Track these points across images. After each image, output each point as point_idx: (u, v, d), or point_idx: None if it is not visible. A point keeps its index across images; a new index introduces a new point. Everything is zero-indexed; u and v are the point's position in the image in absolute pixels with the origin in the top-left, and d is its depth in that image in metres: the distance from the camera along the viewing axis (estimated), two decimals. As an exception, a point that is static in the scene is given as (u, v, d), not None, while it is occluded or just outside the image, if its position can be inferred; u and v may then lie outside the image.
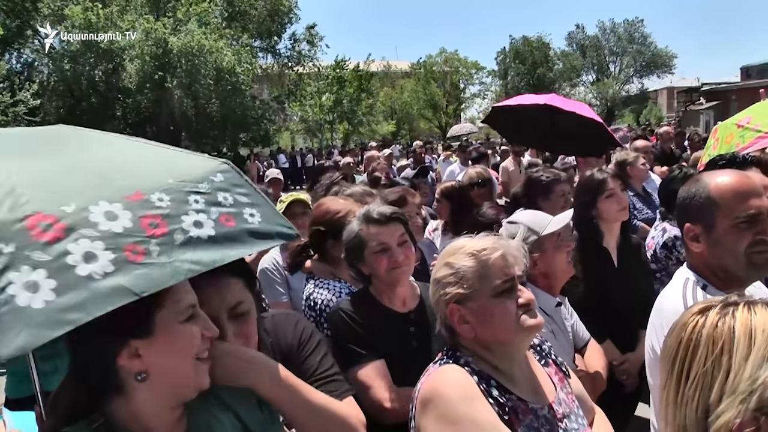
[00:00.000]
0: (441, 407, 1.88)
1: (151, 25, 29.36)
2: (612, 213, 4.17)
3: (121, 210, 1.48)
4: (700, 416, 1.28)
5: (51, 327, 1.27)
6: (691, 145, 12.35)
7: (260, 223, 1.74)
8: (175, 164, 1.82)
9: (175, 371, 1.54)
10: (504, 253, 2.05)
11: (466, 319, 2.05)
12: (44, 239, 1.36)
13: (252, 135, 35.89)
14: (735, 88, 50.20)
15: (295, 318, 2.36)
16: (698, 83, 63.65)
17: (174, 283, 1.48)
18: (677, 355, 1.36)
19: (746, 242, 2.21)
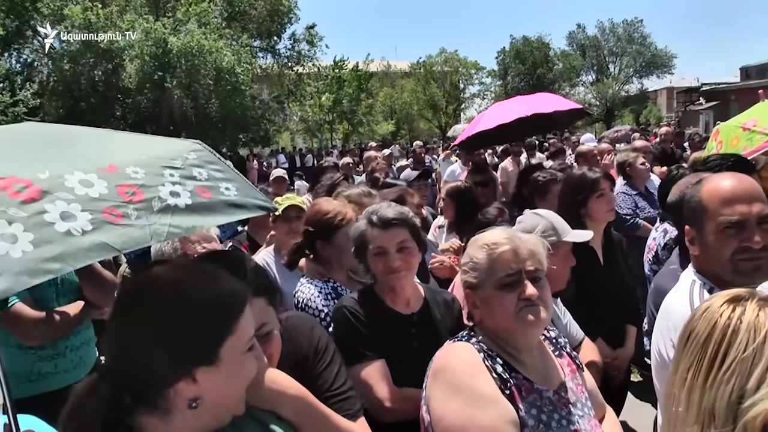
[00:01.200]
0: (447, 378, 2.05)
1: (151, 25, 29.36)
2: (602, 213, 4.22)
3: (96, 179, 1.55)
4: (733, 401, 1.27)
5: (30, 274, 1.33)
6: (691, 146, 12.37)
7: (236, 196, 1.81)
8: (147, 144, 1.91)
9: (227, 399, 1.52)
10: (514, 248, 2.16)
11: (477, 305, 2.22)
12: (20, 198, 1.43)
13: (252, 135, 35.90)
14: (734, 89, 50.26)
15: (311, 324, 2.36)
16: (698, 83, 63.70)
17: (157, 242, 1.55)
18: (710, 339, 1.35)
19: (731, 249, 2.22)
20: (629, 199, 6.59)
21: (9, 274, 1.31)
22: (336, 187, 5.32)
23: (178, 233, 1.60)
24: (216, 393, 1.48)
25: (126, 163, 1.65)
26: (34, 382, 3.43)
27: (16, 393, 3.41)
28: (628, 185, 6.78)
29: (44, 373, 3.48)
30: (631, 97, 63.24)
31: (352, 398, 2.17)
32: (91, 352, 3.79)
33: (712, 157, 3.80)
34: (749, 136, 5.08)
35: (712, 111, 48.33)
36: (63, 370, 3.51)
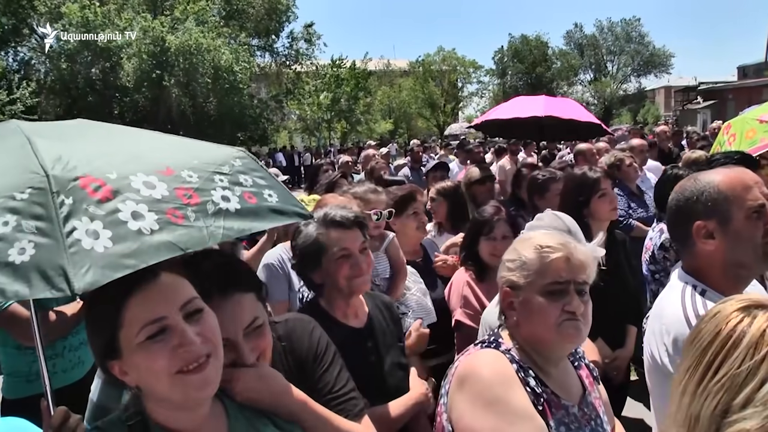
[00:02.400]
0: (477, 387, 1.91)
1: (149, 23, 29.30)
2: (604, 213, 4.21)
3: (157, 181, 1.64)
4: (717, 413, 1.25)
5: (113, 269, 1.41)
6: (689, 144, 12.36)
7: (278, 202, 1.89)
8: (197, 149, 1.98)
9: (155, 388, 1.53)
10: (567, 256, 2.06)
11: (514, 306, 2.10)
12: (97, 197, 1.51)
13: (250, 134, 35.88)
14: (732, 88, 50.36)
15: (310, 325, 2.29)
16: (695, 82, 63.83)
17: (212, 244, 1.65)
18: (710, 346, 1.32)
19: (761, 232, 2.22)
20: (621, 201, 6.55)
21: (96, 267, 1.39)
22: (334, 185, 5.30)
23: (230, 236, 1.68)
24: (142, 381, 1.53)
25: (181, 167, 1.73)
26: (32, 382, 3.42)
27: (14, 393, 3.44)
28: (619, 186, 6.78)
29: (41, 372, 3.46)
30: (629, 96, 63.39)
31: (354, 399, 2.14)
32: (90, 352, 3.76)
33: (716, 156, 3.80)
34: (766, 129, 5.10)
35: (710, 110, 48.42)
36: (61, 370, 3.50)
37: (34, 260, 1.40)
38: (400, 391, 2.67)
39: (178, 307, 1.53)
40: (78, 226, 1.45)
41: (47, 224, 1.45)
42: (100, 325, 1.52)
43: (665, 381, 2.23)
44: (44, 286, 1.37)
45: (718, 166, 3.43)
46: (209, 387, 1.56)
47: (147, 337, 1.48)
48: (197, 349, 1.52)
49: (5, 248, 1.40)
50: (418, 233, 4.37)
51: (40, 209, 1.47)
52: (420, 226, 4.35)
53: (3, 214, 1.46)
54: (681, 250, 2.46)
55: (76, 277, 1.37)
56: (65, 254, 1.40)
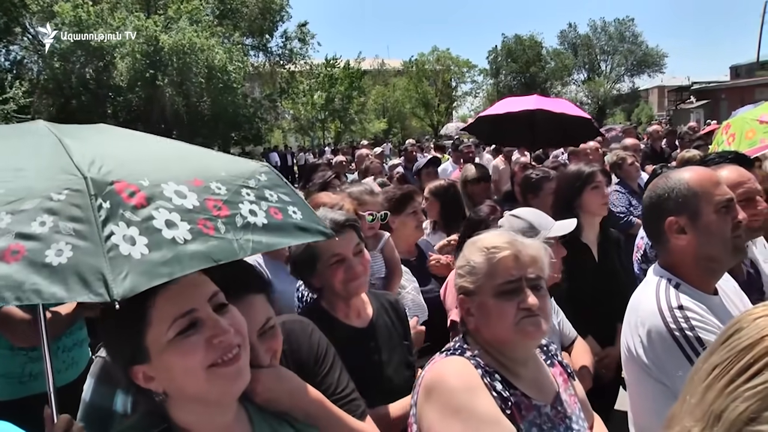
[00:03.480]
0: (444, 396, 1.90)
1: (142, 22, 29.16)
2: (595, 205, 4.23)
3: (187, 191, 1.64)
4: (744, 418, 1.18)
5: (150, 276, 1.40)
6: (681, 144, 12.40)
7: (302, 220, 1.89)
8: (223, 161, 1.97)
9: (188, 386, 1.51)
10: (515, 254, 2.05)
11: (471, 312, 2.09)
12: (132, 203, 1.51)
13: (244, 133, 35.85)
14: (724, 87, 50.52)
15: (309, 327, 2.31)
16: (688, 82, 63.94)
17: (242, 257, 1.63)
18: (750, 350, 1.23)
19: (730, 226, 2.30)
20: (623, 198, 6.63)
21: (134, 273, 1.38)
22: (328, 185, 5.30)
23: (259, 250, 1.68)
24: (173, 383, 1.51)
25: (209, 178, 1.73)
26: (25, 383, 3.41)
27: (7, 394, 3.42)
28: (621, 184, 6.82)
29: (36, 374, 3.44)
30: (622, 96, 63.53)
31: (356, 400, 2.16)
32: (84, 352, 3.75)
33: (711, 156, 3.83)
34: (767, 129, 5.15)
35: (703, 109, 48.50)
36: (55, 371, 3.47)
37: (72, 262, 1.38)
38: (406, 391, 2.62)
39: (206, 299, 1.53)
40: (116, 231, 1.43)
41: (86, 226, 1.43)
42: (126, 328, 1.48)
43: (640, 372, 2.29)
44: (82, 289, 1.35)
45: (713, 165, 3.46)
46: (243, 378, 1.55)
47: (178, 333, 1.47)
48: (231, 338, 1.52)
49: (42, 249, 1.38)
50: (416, 232, 4.40)
51: (78, 211, 1.45)
52: (418, 226, 4.39)
53: (40, 214, 1.43)
54: (656, 246, 2.55)
55: (115, 282, 1.35)
56: (104, 258, 1.38)
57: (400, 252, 4.02)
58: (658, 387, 2.18)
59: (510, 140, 9.64)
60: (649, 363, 2.22)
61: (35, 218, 1.42)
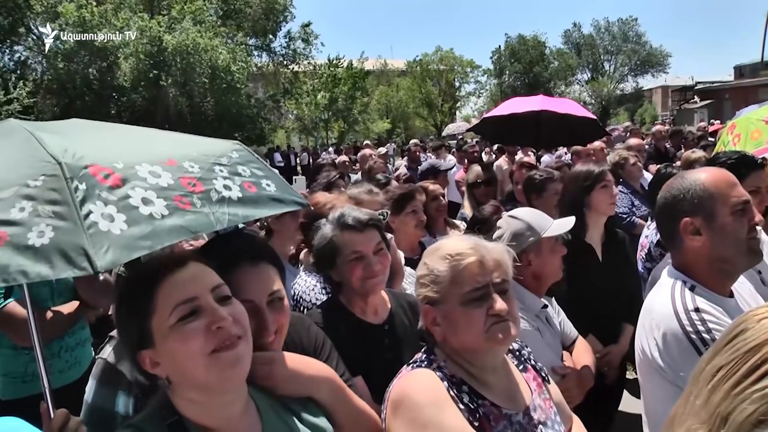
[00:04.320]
0: (410, 412, 1.87)
1: (146, 23, 29.15)
2: (604, 205, 4.23)
3: (161, 171, 1.71)
4: (751, 421, 1.17)
5: (130, 249, 1.48)
6: (685, 144, 12.39)
7: (276, 192, 1.97)
8: (195, 142, 2.08)
9: (189, 372, 1.55)
10: (480, 260, 1.99)
11: (437, 322, 2.04)
12: (107, 184, 1.57)
13: (247, 134, 35.76)
14: (728, 87, 50.55)
15: (307, 321, 2.43)
16: (692, 82, 63.98)
17: (219, 228, 1.74)
18: (758, 351, 1.22)
19: (746, 228, 2.29)
20: (625, 198, 6.63)
21: (115, 247, 1.46)
22: (332, 185, 5.31)
23: (235, 221, 1.76)
24: (176, 368, 1.56)
25: (182, 158, 1.81)
26: (28, 382, 3.41)
27: (10, 394, 3.43)
28: (623, 184, 6.82)
29: (38, 373, 3.44)
30: (626, 96, 63.48)
31: (354, 386, 2.23)
32: (87, 352, 3.75)
33: (718, 156, 3.82)
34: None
35: (707, 109, 48.56)
36: (57, 370, 3.48)
37: (54, 242, 1.44)
38: None
39: (208, 289, 1.59)
40: (94, 210, 1.50)
41: (64, 208, 1.49)
42: (133, 313, 1.56)
43: (655, 375, 2.27)
44: (66, 265, 1.41)
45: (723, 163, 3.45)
46: (241, 365, 1.58)
47: (179, 319, 1.53)
48: (230, 326, 1.56)
49: (24, 232, 1.45)
50: (417, 231, 4.41)
51: (56, 194, 1.51)
52: (419, 225, 4.39)
53: (19, 201, 1.49)
54: (670, 247, 2.53)
55: (97, 255, 1.42)
56: (85, 235, 1.45)
57: (403, 251, 4.03)
58: (673, 390, 2.15)
59: (515, 140, 9.64)
60: (665, 366, 2.21)
61: (14, 205, 1.48)
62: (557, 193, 4.91)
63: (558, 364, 3.20)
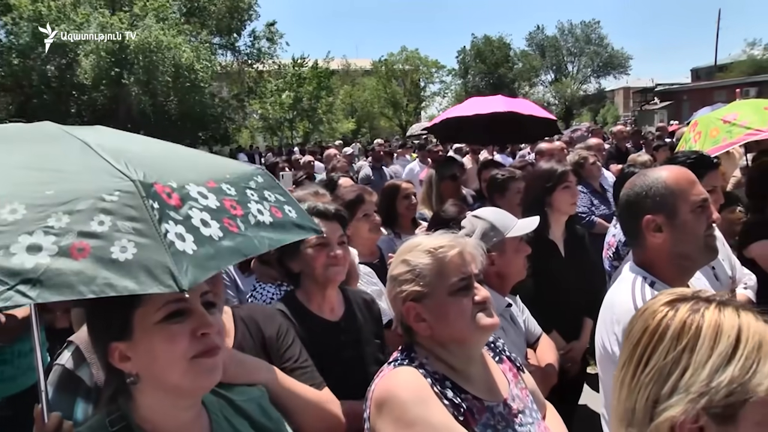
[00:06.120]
0: (396, 410, 1.88)
1: (107, 19, 28.56)
2: (565, 205, 4.31)
3: (207, 192, 1.74)
4: (649, 404, 1.32)
5: (203, 269, 1.51)
6: (645, 144, 12.62)
7: (297, 218, 2.02)
8: (223, 164, 2.11)
9: (165, 373, 1.55)
10: (461, 251, 2.08)
11: (423, 317, 2.06)
12: (172, 203, 1.61)
13: (211, 133, 35.43)
14: (686, 89, 52.06)
15: (271, 311, 2.50)
16: (652, 84, 65.36)
17: (263, 251, 1.79)
18: (640, 342, 1.39)
19: (705, 225, 2.36)
20: (584, 197, 6.70)
21: (192, 266, 1.48)
22: (299, 185, 5.28)
23: (272, 246, 1.81)
24: (149, 367, 1.55)
25: (220, 180, 1.84)
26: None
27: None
28: (583, 184, 6.90)
29: (4, 378, 3.36)
30: (589, 97, 64.45)
31: (315, 372, 2.32)
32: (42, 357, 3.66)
33: (678, 155, 3.90)
34: (729, 129, 5.34)
35: (666, 110, 49.78)
36: (10, 377, 3.40)
37: (138, 258, 1.45)
38: None
39: (198, 293, 1.60)
40: (169, 229, 1.52)
41: (144, 225, 1.50)
42: (114, 302, 1.51)
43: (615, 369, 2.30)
44: (152, 282, 1.42)
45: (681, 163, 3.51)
46: (217, 374, 1.60)
47: (165, 317, 1.53)
48: (214, 335, 1.59)
49: (107, 246, 1.45)
50: (372, 235, 4.38)
51: (134, 211, 1.52)
52: (373, 228, 4.36)
53: (96, 214, 1.49)
54: (631, 244, 2.58)
55: (181, 274, 1.44)
56: (167, 254, 1.46)
57: (361, 256, 4.02)
58: None
59: (466, 139, 9.71)
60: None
61: (92, 218, 1.48)
62: (520, 192, 4.96)
63: (522, 362, 3.23)
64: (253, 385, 1.97)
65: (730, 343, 1.26)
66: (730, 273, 3.93)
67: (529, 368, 3.16)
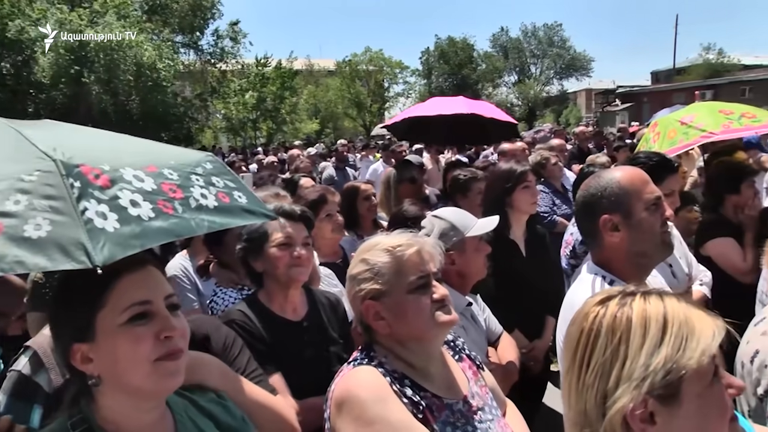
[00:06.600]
0: (355, 409, 1.90)
1: (65, 15, 27.78)
2: (525, 204, 4.35)
3: (144, 176, 1.73)
4: (599, 402, 1.37)
5: (123, 247, 1.50)
6: (606, 145, 12.82)
7: (247, 203, 2.01)
8: (171, 150, 2.12)
9: (128, 375, 1.54)
10: (419, 250, 2.10)
11: (382, 315, 2.08)
12: (98, 183, 1.60)
13: (174, 133, 34.87)
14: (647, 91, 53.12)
15: (216, 321, 2.47)
16: (614, 86, 66.44)
17: (200, 233, 1.81)
18: (579, 344, 1.44)
19: (660, 222, 2.40)
20: (546, 197, 6.77)
21: (110, 243, 1.47)
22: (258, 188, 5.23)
23: (213, 228, 1.81)
24: (109, 367, 1.55)
25: (162, 165, 1.84)
26: None
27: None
28: (544, 183, 6.98)
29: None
30: (551, 98, 65.34)
31: (266, 381, 2.31)
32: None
33: (639, 155, 3.96)
34: (686, 131, 5.43)
35: (627, 112, 50.73)
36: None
37: (52, 235, 1.45)
38: None
39: (163, 296, 1.62)
40: (89, 207, 1.52)
41: (61, 203, 1.50)
42: (78, 303, 1.54)
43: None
44: (64, 258, 1.42)
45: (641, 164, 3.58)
46: (180, 377, 1.61)
47: (129, 319, 1.53)
48: (178, 337, 1.59)
49: (20, 224, 1.45)
50: (334, 235, 4.38)
51: (52, 190, 1.52)
52: (335, 228, 4.35)
53: (13, 194, 1.50)
54: (589, 243, 2.61)
55: (95, 250, 1.43)
56: (83, 230, 1.46)
57: (324, 256, 4.03)
58: None
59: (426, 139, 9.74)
60: None
61: (9, 197, 1.49)
62: (482, 192, 4.99)
63: (483, 360, 3.25)
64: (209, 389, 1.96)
65: (659, 327, 1.34)
66: (686, 270, 4.01)
67: (490, 366, 3.21)
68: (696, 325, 1.34)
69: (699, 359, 1.29)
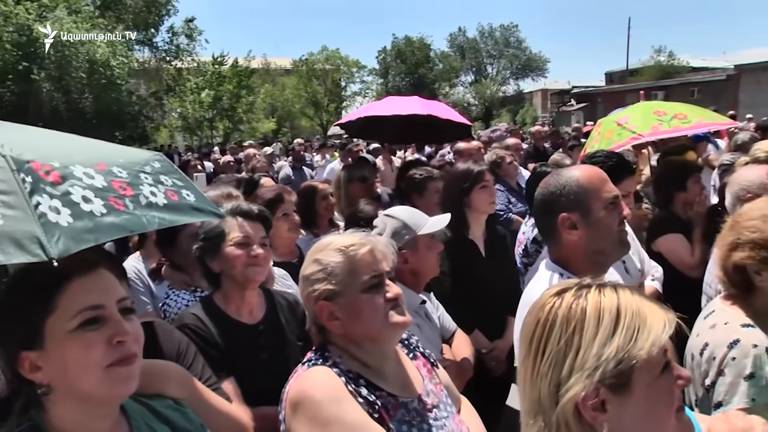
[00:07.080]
0: (311, 410, 1.90)
1: (11, 8, 26.76)
2: (483, 204, 4.35)
3: (94, 173, 1.74)
4: (552, 390, 1.40)
5: (78, 241, 1.50)
6: (562, 144, 13.04)
7: (195, 202, 2.03)
8: (119, 149, 2.12)
9: (79, 382, 1.51)
10: (372, 249, 2.10)
11: (336, 316, 2.08)
12: (50, 179, 1.60)
13: (129, 132, 34.14)
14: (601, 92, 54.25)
15: (169, 327, 2.44)
16: (569, 86, 67.56)
17: (150, 229, 1.83)
18: (534, 334, 1.47)
19: (617, 221, 2.44)
20: (502, 196, 6.84)
21: (65, 237, 1.47)
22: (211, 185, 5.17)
23: (163, 224, 1.83)
24: (60, 375, 1.51)
25: (111, 163, 1.85)
26: None
27: None
28: (500, 182, 7.05)
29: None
30: (508, 98, 66.05)
31: (221, 389, 2.29)
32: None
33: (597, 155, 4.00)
34: (620, 132, 5.58)
35: (582, 112, 51.72)
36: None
37: (5, 229, 1.44)
38: None
39: (115, 300, 1.59)
40: (42, 201, 1.52)
41: (13, 197, 1.50)
42: (25, 310, 1.50)
43: None
44: (18, 251, 1.42)
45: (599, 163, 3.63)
46: (133, 383, 1.58)
47: (80, 324, 1.50)
48: (131, 342, 1.57)
49: None
50: (291, 234, 4.37)
51: (3, 185, 1.52)
52: (292, 227, 4.34)
53: None
54: (547, 241, 2.64)
55: (50, 243, 1.43)
56: (36, 224, 1.46)
57: (280, 255, 4.00)
58: None
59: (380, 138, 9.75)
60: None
61: None
62: (438, 191, 4.99)
63: (437, 357, 3.27)
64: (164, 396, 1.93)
65: (612, 318, 1.38)
66: (639, 266, 4.09)
67: (444, 363, 3.23)
68: (648, 317, 1.37)
69: (649, 350, 1.33)
